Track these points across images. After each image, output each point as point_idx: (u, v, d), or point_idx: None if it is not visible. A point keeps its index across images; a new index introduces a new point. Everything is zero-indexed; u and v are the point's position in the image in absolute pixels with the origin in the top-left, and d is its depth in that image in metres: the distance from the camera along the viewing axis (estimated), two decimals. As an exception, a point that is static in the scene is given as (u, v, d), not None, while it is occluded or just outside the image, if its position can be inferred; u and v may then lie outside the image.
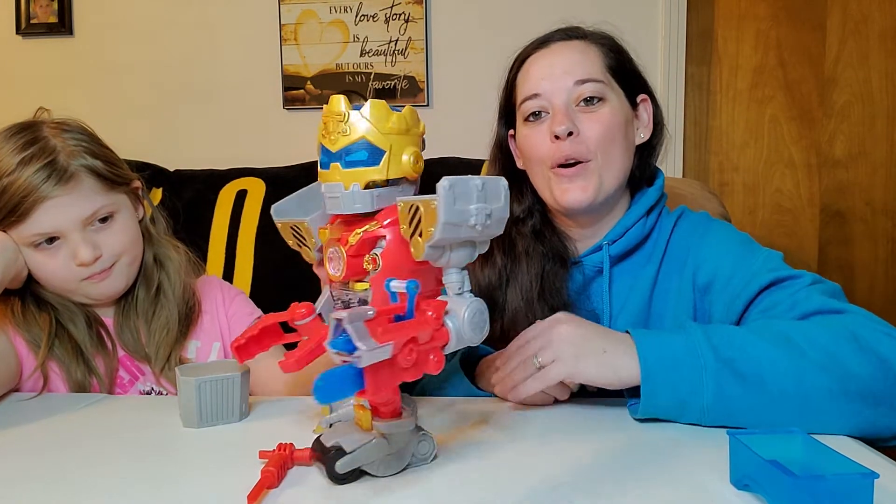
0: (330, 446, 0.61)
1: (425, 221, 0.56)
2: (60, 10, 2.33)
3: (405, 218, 0.58)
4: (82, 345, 0.98)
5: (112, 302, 1.03)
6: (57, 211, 0.92)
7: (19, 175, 0.90)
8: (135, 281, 1.04)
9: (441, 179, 0.55)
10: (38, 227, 0.92)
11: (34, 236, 0.93)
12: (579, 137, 0.92)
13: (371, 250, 0.62)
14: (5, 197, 0.91)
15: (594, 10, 1.06)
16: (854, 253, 2.25)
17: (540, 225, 1.00)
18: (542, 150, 0.94)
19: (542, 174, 0.96)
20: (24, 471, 0.66)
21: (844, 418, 0.72)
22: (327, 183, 0.62)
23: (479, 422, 0.78)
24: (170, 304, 1.03)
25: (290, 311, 0.70)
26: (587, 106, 0.93)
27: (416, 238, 0.57)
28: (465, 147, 1.73)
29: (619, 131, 0.94)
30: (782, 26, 2.23)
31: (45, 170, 0.91)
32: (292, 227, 0.71)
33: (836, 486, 0.51)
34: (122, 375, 1.01)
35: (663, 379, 0.74)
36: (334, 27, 2.27)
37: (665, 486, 0.60)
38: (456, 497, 0.58)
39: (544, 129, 0.94)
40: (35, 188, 0.90)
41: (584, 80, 0.93)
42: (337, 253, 0.63)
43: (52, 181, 0.91)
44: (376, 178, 0.61)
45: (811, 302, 0.82)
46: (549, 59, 0.96)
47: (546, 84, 0.94)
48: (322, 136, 0.62)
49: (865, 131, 2.23)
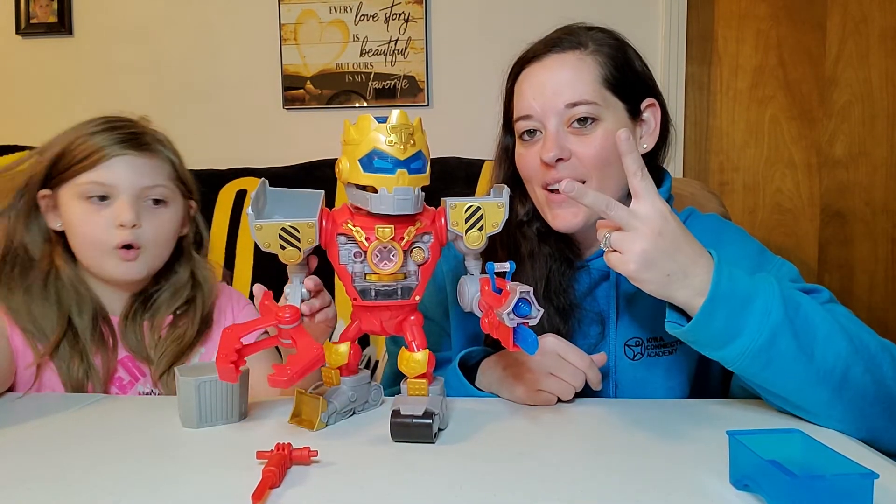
0: (425, 412, 0.71)
1: (488, 218, 0.76)
2: (60, 10, 2.33)
3: (460, 216, 0.75)
4: (83, 340, 0.98)
5: (124, 295, 1.04)
6: (124, 168, 0.97)
7: (103, 134, 0.98)
8: (156, 284, 1.05)
9: (496, 187, 0.81)
10: (99, 176, 0.96)
11: (91, 184, 0.96)
12: (571, 161, 0.91)
13: (413, 245, 0.75)
14: (82, 147, 0.97)
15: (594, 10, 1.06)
16: (854, 253, 2.25)
17: (545, 227, 0.99)
18: (532, 172, 0.94)
19: (535, 194, 0.96)
20: (23, 471, 0.66)
21: (868, 421, 0.73)
22: (398, 186, 0.70)
23: (478, 421, 0.78)
24: (195, 321, 1.04)
25: (273, 314, 0.73)
26: (580, 127, 0.91)
27: (473, 232, 0.76)
28: (464, 147, 1.73)
29: (613, 154, 0.90)
30: (782, 26, 2.23)
31: (128, 135, 1.00)
32: (285, 228, 0.73)
33: (835, 485, 0.51)
34: (122, 376, 1.01)
35: (726, 309, 0.72)
36: (334, 27, 2.27)
37: (665, 486, 0.60)
38: (456, 497, 0.58)
39: (536, 151, 0.93)
40: (113, 144, 0.97)
41: (574, 102, 0.90)
42: (391, 249, 0.73)
43: (131, 144, 0.99)
44: (425, 184, 0.74)
45: (838, 316, 0.81)
46: (540, 76, 0.93)
47: (536, 105, 0.92)
48: (389, 143, 0.70)
49: (865, 131, 2.23)
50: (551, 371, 0.83)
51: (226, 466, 0.66)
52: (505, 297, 0.69)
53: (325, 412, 0.76)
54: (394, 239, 0.73)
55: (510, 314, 0.67)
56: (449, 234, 0.77)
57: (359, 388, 0.81)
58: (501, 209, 0.77)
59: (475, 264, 0.80)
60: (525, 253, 0.97)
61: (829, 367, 0.73)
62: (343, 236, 0.75)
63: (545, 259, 0.97)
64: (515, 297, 0.68)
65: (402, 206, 0.71)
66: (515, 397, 0.86)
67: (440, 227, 0.77)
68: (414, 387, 0.76)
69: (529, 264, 0.96)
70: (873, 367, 0.74)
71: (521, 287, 0.69)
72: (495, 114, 1.05)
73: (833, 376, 0.73)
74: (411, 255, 0.75)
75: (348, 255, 0.75)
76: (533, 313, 0.68)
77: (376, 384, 0.84)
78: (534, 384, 0.83)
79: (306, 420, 0.77)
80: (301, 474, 0.63)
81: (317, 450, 0.66)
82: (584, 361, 0.83)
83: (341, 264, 0.76)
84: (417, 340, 0.77)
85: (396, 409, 0.72)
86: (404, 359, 0.77)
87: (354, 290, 0.76)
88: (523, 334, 0.69)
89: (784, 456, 0.55)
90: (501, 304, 0.69)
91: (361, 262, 0.75)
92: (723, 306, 0.72)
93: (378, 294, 0.76)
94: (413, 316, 0.79)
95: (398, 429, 0.71)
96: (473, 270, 0.80)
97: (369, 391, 0.83)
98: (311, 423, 0.76)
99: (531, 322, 0.68)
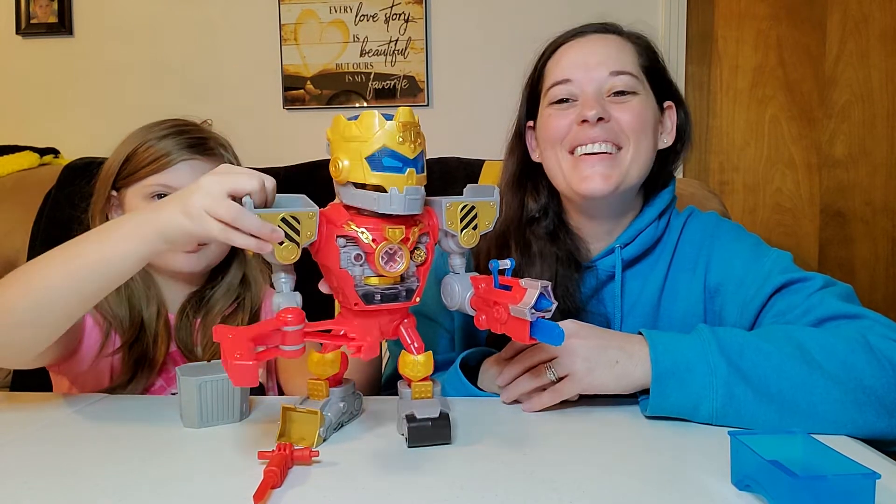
0: (441, 413, 0.70)
1: (482, 217, 0.76)
2: (60, 10, 2.33)
3: (456, 216, 0.74)
4: (149, 333, 1.02)
5: (182, 292, 1.07)
6: (192, 171, 1.02)
7: (171, 139, 1.03)
8: (212, 283, 1.09)
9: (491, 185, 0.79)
10: (168, 179, 1.01)
11: (159, 186, 1.01)
12: (610, 123, 0.91)
13: (414, 246, 0.73)
14: (153, 150, 1.02)
15: (594, 10, 1.06)
16: (854, 253, 2.25)
17: (554, 226, 0.98)
18: (565, 132, 0.93)
19: (560, 158, 0.94)
20: (24, 471, 0.66)
21: (856, 427, 0.72)
22: (409, 186, 0.68)
23: (478, 422, 0.78)
24: (244, 322, 1.07)
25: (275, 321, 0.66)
26: (618, 97, 0.92)
27: (468, 231, 0.75)
28: (464, 147, 1.73)
29: (650, 125, 0.94)
30: (782, 26, 2.23)
31: (196, 140, 1.05)
32: (285, 218, 0.67)
33: (837, 486, 0.51)
34: (170, 368, 1.03)
35: (674, 382, 0.74)
36: (334, 27, 2.27)
37: (666, 487, 0.60)
38: (457, 497, 0.58)
39: (570, 114, 0.92)
40: (180, 149, 1.03)
41: (618, 71, 0.92)
42: (398, 251, 0.71)
43: (198, 149, 1.04)
44: (426, 183, 0.71)
45: (826, 307, 0.82)
46: (585, 48, 0.95)
47: (579, 72, 0.92)
48: (400, 141, 0.67)
49: (865, 131, 2.23)
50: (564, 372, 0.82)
51: (227, 466, 0.66)
52: (518, 293, 0.69)
53: (322, 426, 0.72)
54: (402, 240, 0.71)
55: (532, 309, 0.66)
56: (440, 232, 0.76)
57: (348, 399, 0.79)
58: (494, 208, 0.77)
59: (461, 262, 0.79)
60: (536, 252, 0.97)
61: (796, 398, 0.72)
62: (343, 238, 0.70)
63: (553, 261, 0.96)
64: (537, 291, 0.67)
65: (412, 206, 0.69)
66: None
67: (433, 226, 0.76)
68: (419, 389, 0.75)
69: (539, 265, 0.95)
70: (844, 377, 0.72)
71: (541, 282, 0.68)
72: (495, 114, 1.05)
73: (805, 403, 0.72)
74: (413, 256, 0.73)
75: (348, 258, 0.71)
76: (551, 306, 0.68)
77: (358, 393, 0.82)
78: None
79: (298, 438, 0.72)
80: (302, 474, 0.63)
81: (318, 450, 0.66)
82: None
83: (342, 268, 0.71)
84: (417, 343, 0.76)
85: (410, 414, 0.70)
86: (407, 363, 0.75)
87: (356, 295, 0.71)
88: (545, 327, 0.67)
89: (785, 456, 0.55)
90: (514, 300, 0.68)
91: (362, 264, 0.71)
92: (670, 380, 0.74)
93: (383, 297, 0.73)
94: (406, 318, 0.77)
95: (417, 433, 0.69)
96: (459, 269, 0.79)
97: (353, 401, 0.81)
98: (304, 440, 0.71)
99: (547, 315, 0.68)
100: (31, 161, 1.87)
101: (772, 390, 0.72)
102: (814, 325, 0.81)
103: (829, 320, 0.81)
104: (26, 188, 1.74)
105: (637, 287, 0.97)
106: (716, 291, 0.93)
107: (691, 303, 0.95)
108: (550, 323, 0.67)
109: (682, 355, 0.75)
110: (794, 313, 0.83)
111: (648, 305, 0.96)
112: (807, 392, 0.72)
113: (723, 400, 0.73)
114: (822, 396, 0.72)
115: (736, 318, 0.90)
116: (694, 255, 0.96)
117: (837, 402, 0.72)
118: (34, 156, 1.89)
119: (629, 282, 0.97)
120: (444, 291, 0.80)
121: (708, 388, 0.73)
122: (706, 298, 0.94)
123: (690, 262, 0.96)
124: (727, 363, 0.73)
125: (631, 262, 0.97)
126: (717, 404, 0.73)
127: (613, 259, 0.96)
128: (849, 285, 0.86)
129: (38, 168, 1.87)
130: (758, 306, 0.87)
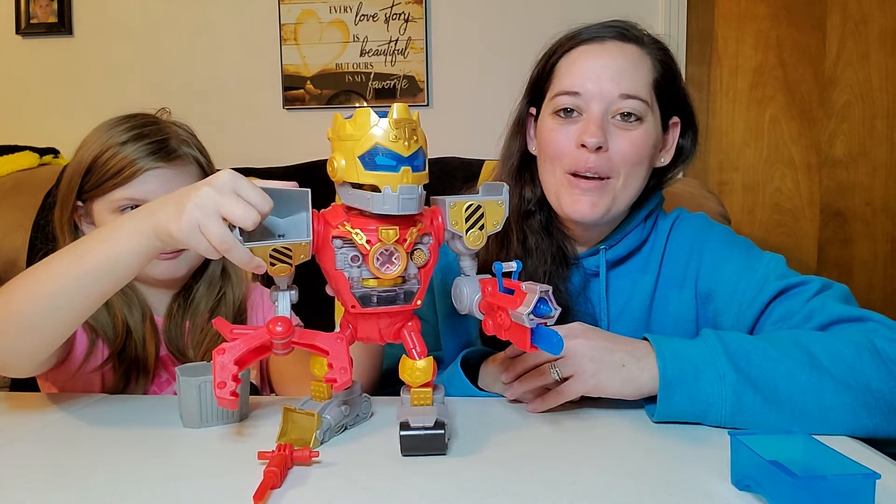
0: (436, 423, 0.68)
1: (489, 217, 0.73)
2: (60, 10, 2.33)
3: (460, 215, 0.72)
4: (136, 340, 1.00)
5: (166, 296, 1.05)
6: (157, 181, 0.98)
7: (133, 145, 0.98)
8: (194, 280, 1.06)
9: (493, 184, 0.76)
10: (135, 192, 0.97)
11: (126, 200, 0.97)
12: (607, 153, 0.89)
13: (415, 247, 0.71)
14: (113, 161, 0.97)
15: (594, 10, 1.05)
16: (854, 253, 2.25)
17: (546, 220, 0.98)
18: (563, 151, 0.91)
19: (555, 175, 0.93)
20: (24, 471, 0.66)
21: (865, 431, 0.72)
22: (403, 185, 0.66)
23: (479, 422, 0.78)
24: (228, 312, 1.06)
25: (263, 330, 0.67)
26: (623, 121, 0.89)
27: (474, 231, 0.72)
28: (464, 147, 1.73)
29: (647, 155, 0.91)
30: (782, 26, 2.23)
31: (157, 144, 0.99)
32: (277, 249, 0.66)
33: (837, 486, 0.51)
34: (161, 373, 1.03)
35: (682, 389, 0.74)
36: (334, 27, 2.27)
37: (666, 487, 0.60)
38: (457, 497, 0.58)
39: (572, 132, 0.90)
40: (144, 158, 0.98)
41: (629, 95, 0.88)
42: (394, 252, 0.69)
43: (161, 155, 0.99)
44: (426, 182, 0.69)
45: (828, 311, 0.81)
46: (601, 59, 0.90)
47: (590, 86, 0.89)
48: (393, 139, 0.65)
49: (865, 131, 2.23)
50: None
51: (227, 467, 0.66)
52: (519, 298, 0.67)
53: (319, 429, 0.71)
54: (397, 241, 0.69)
55: (530, 315, 0.65)
56: (446, 233, 0.74)
57: (351, 401, 0.77)
58: (502, 207, 0.74)
59: (471, 264, 0.77)
60: (532, 247, 0.96)
61: (805, 403, 0.72)
62: (339, 239, 0.69)
63: (545, 256, 0.95)
64: (535, 296, 0.65)
65: (407, 206, 0.66)
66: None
67: (438, 226, 0.73)
68: (418, 396, 0.73)
69: (535, 258, 0.95)
70: (852, 382, 0.72)
71: (540, 286, 0.66)
72: (495, 114, 1.05)
73: (813, 408, 0.72)
74: (413, 257, 0.71)
75: (345, 259, 0.69)
76: (552, 313, 0.66)
77: (365, 396, 0.80)
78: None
79: (297, 440, 0.71)
80: (302, 475, 0.63)
81: (318, 450, 0.66)
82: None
83: (338, 269, 0.70)
84: (419, 347, 0.73)
85: (405, 422, 0.68)
86: (406, 367, 0.73)
87: (353, 297, 0.70)
88: (545, 334, 0.66)
89: (785, 456, 0.55)
90: (515, 305, 0.66)
91: (359, 266, 0.69)
92: (678, 387, 0.74)
93: (379, 300, 0.71)
94: (411, 321, 0.75)
95: (409, 442, 0.67)
96: (469, 271, 0.77)
97: (360, 403, 0.79)
98: (302, 441, 0.71)
99: (549, 322, 0.66)
100: (30, 161, 1.87)
101: (781, 396, 0.72)
102: (817, 330, 0.81)
103: (833, 324, 0.81)
104: (26, 188, 1.74)
105: (625, 291, 0.96)
106: (708, 298, 0.93)
107: (683, 309, 0.94)
108: (550, 330, 0.65)
109: (689, 362, 0.74)
110: (796, 319, 0.83)
111: (638, 311, 0.95)
112: (816, 397, 0.72)
113: (732, 407, 0.73)
114: (831, 401, 0.72)
115: (732, 325, 0.89)
116: (684, 260, 0.96)
117: (846, 407, 0.72)
118: (34, 156, 1.89)
119: (615, 283, 0.97)
120: (454, 294, 0.78)
121: (716, 395, 0.73)
122: (698, 305, 0.94)
123: (681, 269, 0.96)
124: (735, 370, 0.73)
125: (616, 263, 0.97)
126: (726, 411, 0.73)
127: (598, 258, 0.96)
128: (845, 286, 0.86)
129: (38, 168, 1.88)
130: (756, 313, 0.87)
